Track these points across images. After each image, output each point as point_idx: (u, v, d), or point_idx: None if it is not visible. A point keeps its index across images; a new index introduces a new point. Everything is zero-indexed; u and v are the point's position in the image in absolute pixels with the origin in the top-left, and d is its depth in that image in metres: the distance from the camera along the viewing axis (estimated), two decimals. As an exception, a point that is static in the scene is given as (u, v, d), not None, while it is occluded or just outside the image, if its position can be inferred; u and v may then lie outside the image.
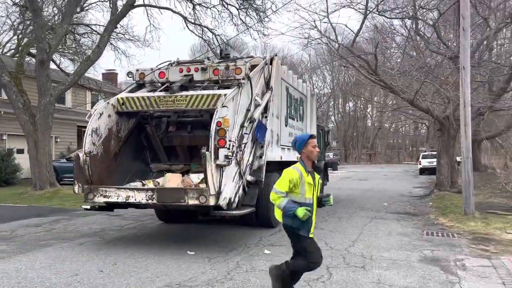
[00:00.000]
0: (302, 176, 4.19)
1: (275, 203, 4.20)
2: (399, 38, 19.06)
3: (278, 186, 4.19)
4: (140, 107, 7.55)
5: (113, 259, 6.19)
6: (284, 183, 4.16)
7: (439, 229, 9.02)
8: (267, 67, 8.73)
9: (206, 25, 19.12)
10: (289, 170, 4.24)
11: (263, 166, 8.03)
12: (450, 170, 16.17)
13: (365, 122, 62.74)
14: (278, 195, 4.17)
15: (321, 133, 15.20)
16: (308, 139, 4.34)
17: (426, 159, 30.86)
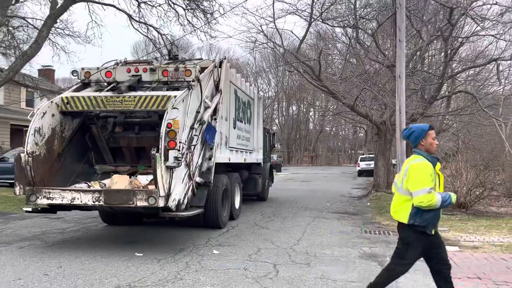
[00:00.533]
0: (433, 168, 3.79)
1: (432, 203, 3.67)
2: (341, 45, 20.00)
3: (424, 184, 3.67)
4: (86, 107, 7.38)
5: (58, 262, 6.02)
6: (427, 179, 3.68)
7: (376, 227, 9.61)
8: (216, 69, 8.86)
9: (152, 24, 18.82)
10: (422, 164, 3.77)
11: (212, 167, 8.14)
12: (386, 172, 17.18)
13: (307, 125, 64.61)
14: (431, 192, 3.67)
15: (267, 135, 15.55)
16: (428, 130, 3.89)
17: (364, 162, 32.42)
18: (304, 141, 64.65)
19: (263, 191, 13.87)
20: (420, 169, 3.73)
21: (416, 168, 3.75)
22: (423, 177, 3.69)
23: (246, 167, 12.40)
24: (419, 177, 3.70)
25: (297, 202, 14.24)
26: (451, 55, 15.65)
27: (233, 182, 9.96)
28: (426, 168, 3.73)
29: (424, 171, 3.71)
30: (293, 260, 6.42)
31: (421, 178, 3.69)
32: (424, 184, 3.66)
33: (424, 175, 3.70)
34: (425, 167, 3.74)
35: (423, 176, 3.69)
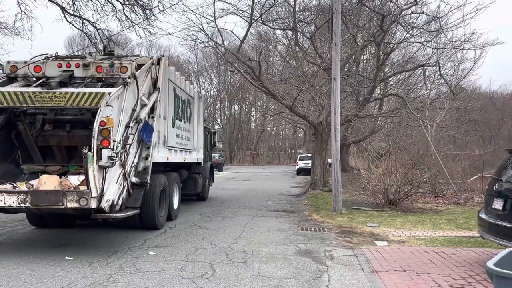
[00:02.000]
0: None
1: None
2: (281, 47, 20.38)
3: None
4: (12, 102, 6.91)
5: (-23, 269, 5.61)
6: None
7: (312, 224, 9.91)
8: (154, 67, 8.68)
9: (87, 18, 18.02)
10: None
11: (149, 167, 7.97)
12: (322, 171, 17.76)
13: (249, 125, 65.11)
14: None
15: (208, 134, 15.48)
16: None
17: (303, 161, 33.31)
18: (246, 141, 65.11)
19: (203, 190, 13.80)
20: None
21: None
22: None
23: (185, 167, 12.26)
24: None
25: (237, 201, 14.32)
26: (383, 60, 16.50)
27: (172, 182, 9.82)
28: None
29: None
30: (231, 259, 6.46)
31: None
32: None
33: None
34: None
35: None
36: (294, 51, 18.26)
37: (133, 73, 7.62)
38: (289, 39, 19.25)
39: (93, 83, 7.68)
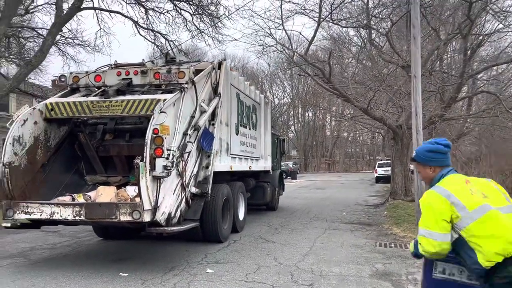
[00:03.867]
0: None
1: None
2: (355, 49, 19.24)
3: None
4: (71, 113, 6.85)
5: (31, 284, 5.45)
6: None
7: (392, 239, 8.80)
8: (214, 72, 8.26)
9: (159, 30, 18.44)
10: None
11: (210, 176, 7.51)
12: (404, 178, 16.26)
13: (323, 131, 63.56)
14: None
15: (276, 142, 14.87)
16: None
17: (382, 168, 31.40)
18: (320, 148, 63.58)
19: (273, 200, 13.14)
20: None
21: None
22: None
23: (252, 175, 11.72)
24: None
25: (308, 212, 13.47)
26: (471, 53, 14.71)
27: (236, 191, 9.30)
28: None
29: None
30: (295, 280, 5.71)
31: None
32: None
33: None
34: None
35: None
36: (368, 50, 17.06)
37: (191, 78, 7.23)
38: (362, 38, 18.11)
39: (152, 90, 7.43)
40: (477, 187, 2.70)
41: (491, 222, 2.52)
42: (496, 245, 2.44)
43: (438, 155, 2.92)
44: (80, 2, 15.89)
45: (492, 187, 2.76)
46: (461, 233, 2.55)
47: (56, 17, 15.89)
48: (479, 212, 2.55)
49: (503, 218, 2.54)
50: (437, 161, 2.92)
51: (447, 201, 2.62)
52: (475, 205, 2.58)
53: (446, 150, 2.92)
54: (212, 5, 16.97)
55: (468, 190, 2.67)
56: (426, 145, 3.01)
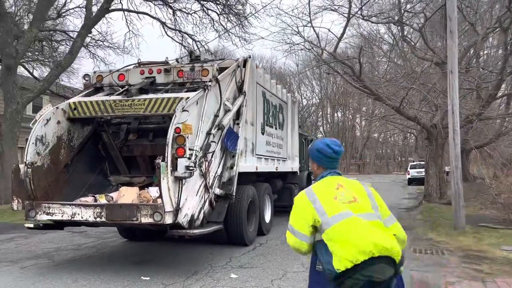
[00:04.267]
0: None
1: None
2: (386, 47, 18.61)
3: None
4: (94, 112, 6.74)
5: (51, 286, 5.33)
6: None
7: (427, 245, 8.28)
8: (239, 69, 8.01)
9: (186, 31, 18.43)
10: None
11: (234, 177, 7.26)
12: (438, 180, 15.54)
13: (353, 132, 62.44)
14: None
15: (304, 142, 14.49)
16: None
17: (415, 169, 30.44)
18: (350, 149, 62.47)
19: (301, 202, 12.75)
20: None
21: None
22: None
23: (279, 176, 11.40)
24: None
25: (338, 214, 13.01)
26: (511, 48, 13.89)
27: (262, 193, 9.01)
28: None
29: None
30: None
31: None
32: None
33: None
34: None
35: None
36: (400, 47, 16.45)
37: (215, 75, 7.01)
38: (393, 35, 17.48)
39: (176, 89, 7.25)
40: (349, 192, 2.69)
41: (347, 229, 2.53)
42: (348, 251, 2.45)
43: (325, 157, 2.87)
44: (108, 4, 16.05)
45: (364, 193, 2.73)
46: (322, 236, 2.57)
47: (86, 19, 16.12)
48: (337, 218, 2.56)
49: (361, 225, 2.54)
50: (323, 162, 2.88)
51: (311, 206, 2.65)
52: (335, 212, 2.59)
53: (334, 156, 2.87)
54: (239, 3, 16.82)
55: (335, 195, 2.66)
56: (319, 143, 2.93)
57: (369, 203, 2.68)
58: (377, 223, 2.57)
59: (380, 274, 2.42)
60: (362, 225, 2.52)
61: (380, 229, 2.54)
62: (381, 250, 2.42)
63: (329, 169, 2.87)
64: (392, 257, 2.46)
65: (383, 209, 2.72)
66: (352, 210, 2.58)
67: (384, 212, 2.70)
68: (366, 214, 2.60)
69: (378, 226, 2.55)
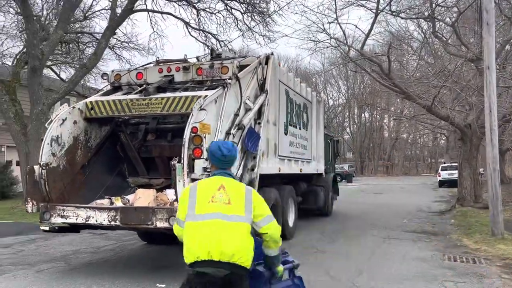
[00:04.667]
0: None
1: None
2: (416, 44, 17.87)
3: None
4: (111, 112, 6.55)
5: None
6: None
7: (462, 252, 7.73)
8: (261, 67, 7.68)
9: (209, 31, 18.25)
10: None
11: (256, 179, 6.92)
12: (473, 183, 14.74)
13: (381, 133, 61.02)
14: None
15: (330, 143, 14.02)
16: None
17: (446, 171, 29.33)
18: (378, 150, 61.09)
19: (326, 205, 12.31)
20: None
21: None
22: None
23: (304, 179, 11.01)
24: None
25: (365, 218, 12.50)
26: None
27: (285, 196, 8.64)
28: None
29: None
30: (351, 300, 4.96)
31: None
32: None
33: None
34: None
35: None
36: (431, 44, 15.73)
37: (235, 73, 6.71)
38: (423, 32, 16.76)
39: (194, 87, 6.99)
40: (228, 194, 2.87)
41: (205, 227, 2.77)
42: (196, 247, 2.75)
43: (215, 158, 3.06)
44: (132, 4, 16.03)
45: (242, 196, 2.91)
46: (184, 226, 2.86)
47: (110, 20, 16.16)
48: (199, 217, 2.81)
49: (213, 230, 2.75)
50: (215, 162, 3.09)
51: (187, 198, 2.91)
52: (203, 211, 2.82)
53: (222, 158, 3.04)
54: (263, 1, 16.49)
55: (213, 195, 2.86)
56: (213, 145, 3.13)
57: (243, 207, 2.86)
58: (236, 226, 2.78)
59: (216, 273, 2.74)
60: (215, 229, 2.75)
61: (233, 232, 2.76)
62: (220, 255, 2.70)
63: (220, 169, 3.05)
64: (231, 261, 2.72)
65: (259, 212, 2.91)
66: (223, 211, 2.80)
67: (259, 215, 2.91)
68: (234, 215, 2.81)
69: (235, 229, 2.77)
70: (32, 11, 14.92)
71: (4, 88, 14.32)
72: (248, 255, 2.79)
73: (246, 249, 2.79)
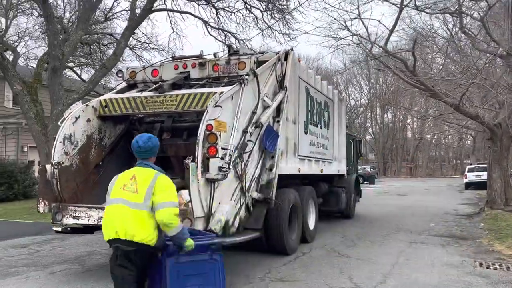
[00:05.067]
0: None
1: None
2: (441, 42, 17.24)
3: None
4: (125, 109, 6.36)
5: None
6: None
7: (495, 259, 7.25)
8: (280, 63, 7.39)
9: (228, 30, 18.05)
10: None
11: (274, 180, 6.64)
12: (503, 185, 14.06)
13: (404, 134, 59.75)
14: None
15: (352, 143, 13.59)
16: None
17: (473, 173, 28.35)
18: (401, 151, 59.81)
19: (348, 207, 11.90)
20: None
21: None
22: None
23: (325, 180, 10.64)
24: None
25: (389, 221, 12.03)
26: None
27: (306, 197, 8.30)
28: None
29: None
30: (375, 310, 4.60)
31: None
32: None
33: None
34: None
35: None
36: (458, 40, 15.09)
37: (252, 69, 6.44)
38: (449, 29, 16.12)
39: (210, 84, 6.75)
40: (136, 184, 3.43)
41: (109, 212, 3.48)
42: (106, 228, 3.46)
43: (133, 149, 3.68)
44: (151, 4, 15.97)
45: (146, 185, 3.41)
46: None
47: (129, 20, 16.14)
48: (110, 201, 3.52)
49: (119, 213, 3.39)
50: (136, 154, 3.67)
51: (110, 185, 3.63)
52: (114, 196, 3.50)
53: (138, 150, 3.63)
54: (283, 0, 16.19)
55: (125, 183, 3.47)
56: (134, 138, 3.75)
57: (143, 195, 3.39)
58: (136, 212, 3.36)
59: (125, 248, 3.36)
60: (120, 213, 3.39)
61: (134, 217, 3.35)
62: (124, 233, 3.32)
63: (141, 159, 3.64)
64: (134, 240, 3.32)
65: (155, 199, 3.38)
66: (128, 198, 3.41)
67: (155, 201, 3.37)
68: (134, 203, 3.38)
69: (135, 215, 3.35)
70: (52, 11, 14.98)
71: (26, 89, 14.41)
72: (149, 236, 3.36)
73: (146, 231, 3.35)
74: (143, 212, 3.35)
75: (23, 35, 22.05)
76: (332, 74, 46.91)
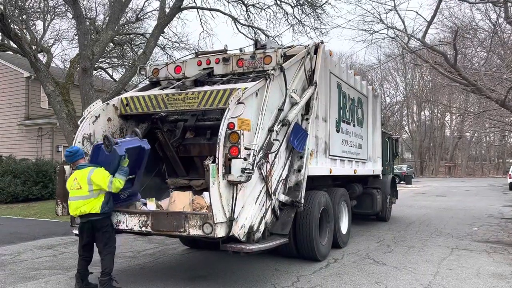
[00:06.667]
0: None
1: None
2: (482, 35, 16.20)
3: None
4: (146, 108, 6.10)
5: (89, 305, 4.71)
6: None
7: (551, 269, 6.53)
8: (309, 57, 6.94)
9: (258, 26, 17.68)
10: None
11: (303, 182, 6.21)
12: (555, 186, 12.97)
13: (443, 132, 57.55)
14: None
15: (388, 141, 12.92)
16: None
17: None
18: (439, 149, 57.64)
19: (383, 209, 11.28)
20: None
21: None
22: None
23: (359, 181, 10.10)
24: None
25: (428, 224, 11.31)
26: None
27: (338, 200, 7.81)
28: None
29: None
30: (415, 329, 4.11)
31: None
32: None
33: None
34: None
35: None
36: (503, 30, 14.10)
37: (279, 63, 6.03)
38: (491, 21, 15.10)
39: (235, 79, 6.39)
40: (78, 183, 5.02)
41: (71, 203, 5.11)
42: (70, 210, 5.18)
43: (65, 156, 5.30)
44: (180, 2, 15.82)
45: (86, 181, 4.99)
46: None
47: (159, 18, 16.07)
48: (69, 199, 5.16)
49: (78, 204, 5.04)
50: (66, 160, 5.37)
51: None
52: (70, 195, 5.09)
53: (66, 155, 5.25)
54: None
55: (72, 185, 5.08)
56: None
57: (87, 188, 4.97)
58: (87, 200, 5.00)
59: (84, 220, 5.12)
60: (77, 204, 5.01)
61: (87, 204, 5.00)
62: (80, 212, 5.02)
63: (80, 165, 5.15)
64: (86, 215, 5.03)
65: (95, 188, 4.97)
66: (78, 194, 5.01)
67: (95, 190, 4.98)
68: (83, 196, 4.99)
69: (87, 202, 4.99)
70: (82, 11, 15.08)
71: (58, 89, 14.56)
72: (97, 209, 5.00)
73: (95, 206, 4.99)
74: (91, 199, 4.98)
75: (60, 38, 22.58)
76: (366, 71, 45.72)
